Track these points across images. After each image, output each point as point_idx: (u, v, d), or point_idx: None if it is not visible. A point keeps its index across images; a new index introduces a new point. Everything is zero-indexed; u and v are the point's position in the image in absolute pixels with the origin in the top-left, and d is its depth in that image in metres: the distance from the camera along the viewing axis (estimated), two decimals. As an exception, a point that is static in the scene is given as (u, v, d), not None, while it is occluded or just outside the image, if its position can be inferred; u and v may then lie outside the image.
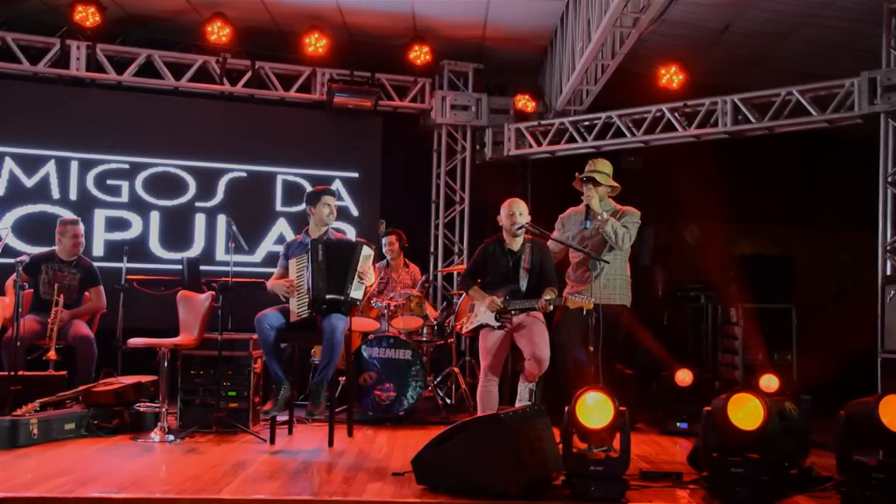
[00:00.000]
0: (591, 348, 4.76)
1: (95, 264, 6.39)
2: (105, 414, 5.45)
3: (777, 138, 7.42)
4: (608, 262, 5.22)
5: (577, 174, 5.42)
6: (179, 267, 7.02)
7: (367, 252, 5.19)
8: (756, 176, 8.96)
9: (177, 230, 7.81)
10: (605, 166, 5.42)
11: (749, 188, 8.80)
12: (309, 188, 7.45)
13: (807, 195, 9.71)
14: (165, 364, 5.36)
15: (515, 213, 5.14)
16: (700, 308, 7.82)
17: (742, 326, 7.25)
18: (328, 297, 5.09)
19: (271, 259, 7.36)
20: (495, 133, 8.55)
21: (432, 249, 8.63)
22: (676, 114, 7.52)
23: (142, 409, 5.64)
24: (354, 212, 8.30)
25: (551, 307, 5.00)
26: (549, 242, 5.43)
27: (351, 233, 8.06)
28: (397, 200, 8.40)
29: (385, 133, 8.43)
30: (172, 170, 7.86)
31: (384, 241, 7.20)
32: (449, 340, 6.98)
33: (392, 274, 7.15)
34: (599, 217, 5.22)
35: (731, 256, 7.89)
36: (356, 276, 5.13)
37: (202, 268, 7.08)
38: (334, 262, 5.14)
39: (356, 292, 5.17)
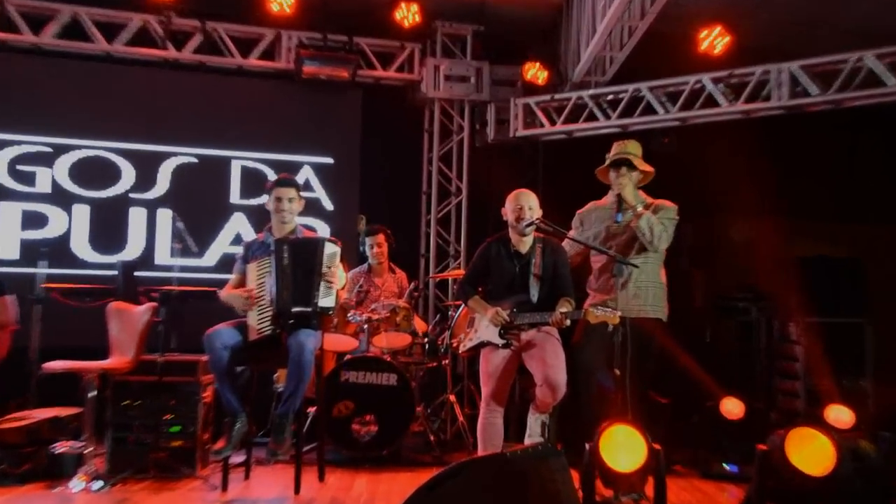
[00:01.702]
0: (618, 372, 4.72)
1: (2, 269, 6.30)
2: (13, 456, 5.40)
3: (845, 115, 7.35)
4: (637, 267, 5.19)
5: (607, 156, 5.39)
6: (111, 273, 6.99)
7: (330, 250, 5.19)
8: (819, 161, 8.90)
9: (108, 228, 7.73)
10: (636, 148, 5.44)
11: (810, 176, 8.75)
12: (272, 176, 7.44)
13: (883, 185, 9.64)
14: (92, 393, 5.28)
15: (524, 206, 5.13)
16: (750, 322, 7.78)
17: (803, 345, 7.20)
18: (294, 309, 5.09)
19: (226, 263, 7.32)
20: (499, 110, 8.51)
21: (423, 251, 8.60)
22: (720, 85, 7.48)
23: (60, 450, 5.56)
24: (328, 205, 8.26)
25: (568, 321, 4.96)
26: (565, 243, 5.43)
27: (324, 230, 8.03)
28: (380, 192, 8.36)
29: (365, 110, 8.40)
30: (103, 153, 7.77)
31: (368, 241, 7.18)
32: (443, 362, 6.94)
33: (375, 281, 7.12)
34: (633, 210, 5.19)
35: (788, 259, 7.82)
36: (322, 281, 5.11)
37: (140, 274, 7.04)
38: (301, 267, 5.14)
39: (325, 300, 5.16)
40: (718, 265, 8.87)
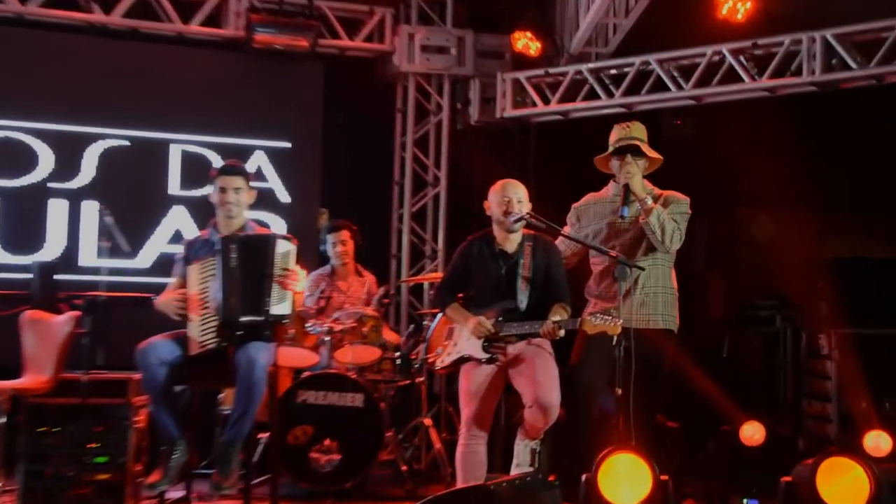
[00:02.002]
0: (619, 391, 4.71)
1: None
2: None
3: (888, 92, 7.38)
4: (643, 269, 5.19)
5: (611, 142, 5.38)
6: (26, 276, 6.95)
7: (283, 248, 5.16)
8: (857, 146, 8.93)
9: (22, 223, 7.70)
10: (642, 132, 5.42)
11: (847, 163, 8.77)
12: (218, 162, 7.40)
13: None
14: (1, 419, 5.28)
15: (512, 199, 5.13)
16: (775, 334, 7.79)
17: (837, 361, 7.21)
18: (243, 318, 5.07)
19: (164, 264, 7.18)
20: (484, 86, 8.56)
21: (395, 250, 8.64)
22: (742, 57, 7.52)
23: (-39, 488, 5.54)
24: (284, 197, 8.27)
25: (562, 332, 4.94)
26: (559, 241, 5.43)
27: (279, 226, 8.02)
28: (345, 181, 8.36)
29: (328, 86, 8.42)
30: (17, 135, 7.73)
31: (330, 238, 7.15)
32: (417, 380, 6.95)
33: (338, 285, 7.11)
34: (642, 203, 5.18)
35: (820, 259, 7.85)
36: (274, 284, 5.09)
37: (60, 277, 6.99)
38: (251, 268, 5.12)
39: (280, 307, 5.13)
40: (738, 267, 8.88)
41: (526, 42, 8.58)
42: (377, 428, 6.23)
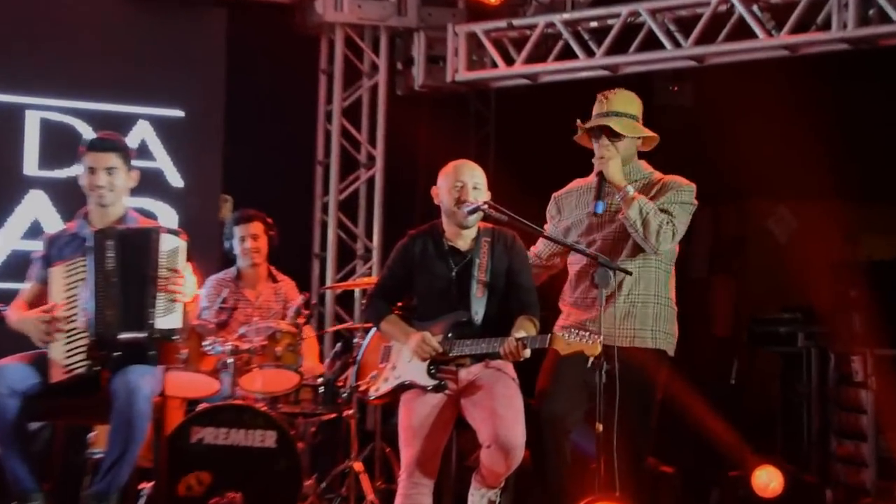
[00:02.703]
0: (600, 426, 4.71)
1: None
2: None
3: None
4: (629, 273, 5.18)
5: (579, 122, 5.37)
6: None
7: (170, 244, 5.16)
8: (896, 122, 9.05)
9: None
10: (627, 103, 5.38)
11: (886, 142, 8.85)
12: (90, 135, 7.35)
13: None
14: None
15: (466, 184, 5.12)
16: (795, 355, 7.87)
17: (874, 389, 7.29)
18: (122, 335, 5.06)
19: (17, 265, 7.17)
20: (432, 42, 8.62)
21: (318, 249, 8.68)
22: (756, 7, 7.55)
23: None
24: (175, 181, 8.27)
25: (528, 352, 4.93)
26: (535, 247, 5.47)
27: (170, 218, 8.02)
28: (254, 161, 8.40)
29: (233, 39, 8.44)
30: None
31: (237, 232, 7.13)
32: (345, 413, 6.93)
33: (245, 293, 7.13)
34: (621, 194, 5.17)
35: (850, 262, 7.92)
36: (158, 290, 5.07)
37: None
38: (133, 271, 5.10)
39: (168, 319, 5.13)
40: (749, 272, 8.95)
41: (484, -14, 8.63)
42: (294, 474, 6.22)
